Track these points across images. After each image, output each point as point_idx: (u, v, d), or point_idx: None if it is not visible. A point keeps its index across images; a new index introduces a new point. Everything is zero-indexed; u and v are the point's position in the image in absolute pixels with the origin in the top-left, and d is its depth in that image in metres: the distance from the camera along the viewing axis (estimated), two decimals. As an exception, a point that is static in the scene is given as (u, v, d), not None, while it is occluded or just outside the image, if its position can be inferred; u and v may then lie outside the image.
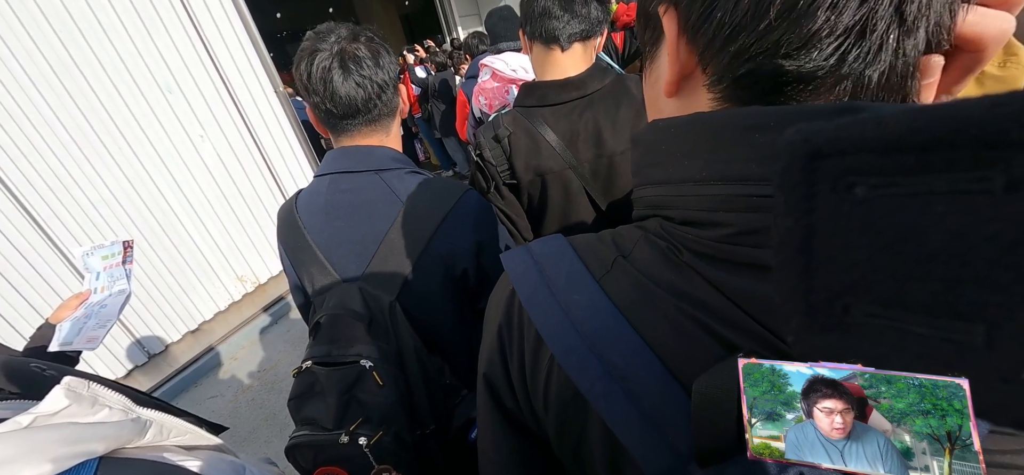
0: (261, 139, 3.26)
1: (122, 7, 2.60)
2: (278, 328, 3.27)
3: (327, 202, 0.77)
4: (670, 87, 0.31)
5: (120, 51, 2.63)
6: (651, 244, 0.32)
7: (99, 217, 2.71)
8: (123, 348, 2.87)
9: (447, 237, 0.74)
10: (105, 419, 0.49)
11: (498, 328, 0.38)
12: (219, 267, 3.27)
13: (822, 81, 0.25)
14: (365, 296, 0.73)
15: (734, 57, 0.26)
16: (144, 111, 2.76)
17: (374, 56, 0.73)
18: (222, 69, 2.99)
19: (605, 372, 0.30)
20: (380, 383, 0.70)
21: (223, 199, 3.20)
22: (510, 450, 0.40)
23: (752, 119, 0.26)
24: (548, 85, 0.87)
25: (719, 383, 0.25)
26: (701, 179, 0.28)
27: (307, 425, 0.74)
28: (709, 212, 0.28)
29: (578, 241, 0.36)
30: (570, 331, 0.31)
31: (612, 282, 0.32)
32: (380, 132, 0.79)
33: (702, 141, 0.28)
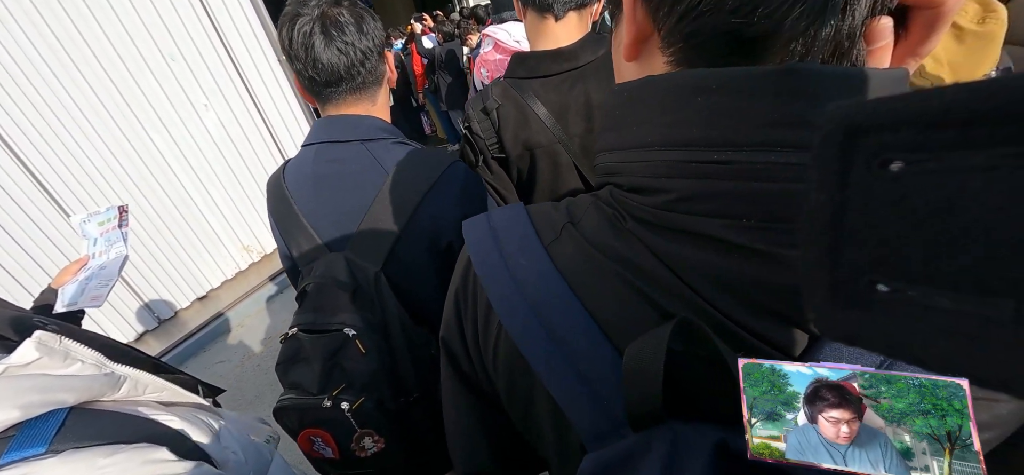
0: (264, 108, 3.25)
1: (123, -29, 2.57)
2: (284, 297, 3.34)
3: (314, 172, 0.77)
4: (628, 50, 0.30)
5: (122, 18, 2.61)
6: (599, 211, 0.32)
7: (106, 183, 2.75)
8: (133, 312, 2.95)
9: (432, 209, 0.74)
10: (77, 372, 0.51)
11: (455, 293, 0.39)
12: (225, 236, 3.32)
13: (769, 42, 0.24)
14: (351, 266, 0.74)
15: (682, 16, 0.25)
16: (147, 79, 2.76)
17: (357, 22, 0.72)
18: (225, 36, 2.96)
19: (547, 337, 0.30)
20: (363, 351, 0.71)
21: (228, 168, 3.22)
22: (470, 413, 0.41)
23: (695, 80, 0.25)
24: (539, 55, 0.85)
25: (648, 350, 0.26)
26: (648, 144, 0.28)
27: (293, 389, 0.76)
28: (653, 178, 0.27)
29: (534, 208, 0.36)
30: (516, 296, 0.32)
31: (559, 248, 0.32)
32: (366, 100, 0.78)
33: (651, 105, 0.28)
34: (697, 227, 0.26)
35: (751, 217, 0.25)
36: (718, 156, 0.25)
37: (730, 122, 0.24)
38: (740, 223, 0.25)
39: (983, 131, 0.16)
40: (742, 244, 0.25)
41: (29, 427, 0.47)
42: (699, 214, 0.26)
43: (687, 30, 0.26)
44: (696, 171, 0.25)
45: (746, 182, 0.24)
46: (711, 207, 0.26)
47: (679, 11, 0.25)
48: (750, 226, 0.25)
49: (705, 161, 0.25)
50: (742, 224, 0.25)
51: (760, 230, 0.25)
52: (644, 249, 0.29)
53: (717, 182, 0.25)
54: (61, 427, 0.50)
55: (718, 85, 0.25)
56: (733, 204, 0.25)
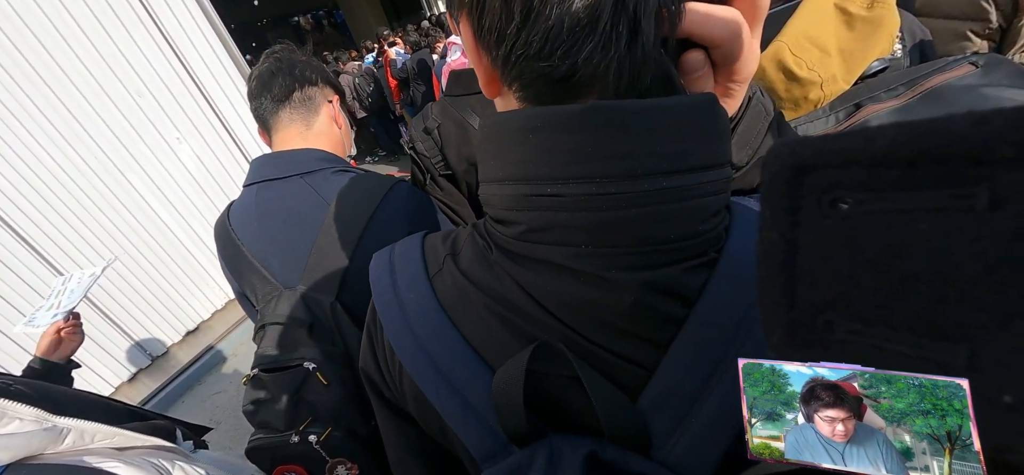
0: (237, 134, 3.24)
1: (79, 12, 2.55)
2: (275, 322, 3.33)
3: (257, 212, 0.78)
4: (486, 90, 0.32)
5: (83, 58, 2.59)
6: (473, 242, 0.34)
7: (85, 228, 2.73)
8: (124, 352, 2.95)
9: (378, 233, 0.75)
10: (15, 430, 0.53)
11: (367, 326, 0.40)
12: (211, 267, 3.31)
13: (580, 80, 0.26)
14: (306, 301, 0.75)
15: (504, 62, 0.27)
16: (115, 117, 2.74)
17: (289, 58, 0.83)
18: (190, 68, 2.94)
19: (434, 368, 0.32)
20: (325, 383, 0.73)
21: (207, 199, 3.21)
22: (399, 436, 0.43)
23: (527, 121, 0.27)
24: (473, 72, 0.86)
25: (510, 375, 0.27)
26: (502, 179, 0.30)
27: (262, 429, 0.77)
28: (508, 210, 0.29)
29: (429, 239, 0.38)
30: (405, 330, 0.34)
31: (440, 282, 0.34)
32: (299, 124, 0.83)
33: (500, 143, 0.30)
34: (546, 255, 0.28)
35: (585, 244, 0.27)
36: (551, 189, 0.26)
37: (554, 158, 0.26)
38: (579, 249, 0.27)
39: (926, 171, 0.16)
40: (584, 270, 0.27)
41: None
42: (546, 243, 0.28)
43: (513, 74, 0.28)
44: (537, 204, 0.27)
45: (574, 213, 0.26)
46: (553, 237, 0.27)
47: (502, 57, 0.27)
48: (586, 252, 0.27)
49: (542, 195, 0.27)
50: (581, 250, 0.27)
51: (594, 256, 0.26)
52: (508, 278, 0.30)
53: (554, 214, 0.27)
54: None
55: (542, 123, 0.26)
56: (569, 234, 0.27)
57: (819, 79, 0.57)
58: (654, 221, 0.26)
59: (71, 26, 2.53)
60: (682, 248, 0.27)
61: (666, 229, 0.26)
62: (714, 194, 0.27)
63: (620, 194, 0.25)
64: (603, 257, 0.26)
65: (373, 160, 6.66)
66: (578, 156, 0.25)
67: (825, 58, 0.57)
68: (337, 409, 0.75)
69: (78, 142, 2.64)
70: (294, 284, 0.77)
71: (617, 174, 0.25)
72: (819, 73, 0.57)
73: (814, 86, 0.58)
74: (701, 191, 0.26)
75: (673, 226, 0.26)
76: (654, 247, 0.26)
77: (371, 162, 6.57)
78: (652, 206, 0.25)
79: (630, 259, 0.26)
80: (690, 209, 0.26)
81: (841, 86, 0.59)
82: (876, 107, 0.59)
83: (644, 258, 0.26)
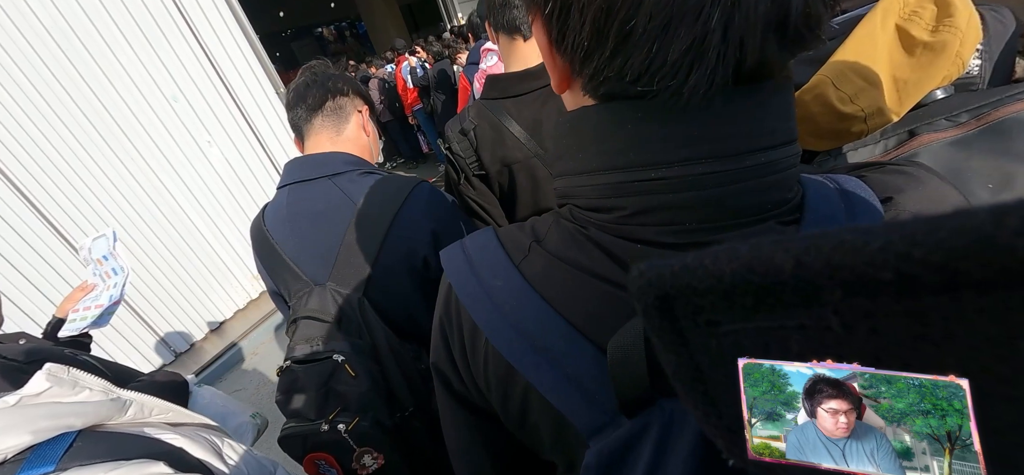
0: (266, 140, 3.34)
1: (123, 21, 2.68)
2: (294, 323, 3.39)
3: (289, 212, 0.82)
4: (557, 87, 0.33)
5: (124, 64, 2.72)
6: (561, 228, 0.35)
7: (119, 225, 2.84)
8: (150, 347, 3.03)
9: (402, 231, 0.78)
10: (86, 399, 0.56)
11: (440, 320, 0.41)
12: (235, 267, 3.40)
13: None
14: (335, 297, 0.79)
15: (592, 77, 0.28)
16: (152, 121, 2.86)
17: (323, 71, 0.88)
18: (224, 75, 3.06)
19: (531, 348, 0.33)
20: (353, 374, 0.75)
21: (234, 201, 3.30)
22: (468, 430, 0.43)
23: (620, 113, 0.28)
24: (509, 77, 0.88)
25: (629, 339, 0.28)
26: (592, 169, 0.31)
27: (294, 418, 0.80)
28: (603, 198, 0.30)
29: (503, 231, 0.39)
30: (497, 315, 0.34)
31: (528, 266, 0.35)
32: (330, 131, 0.87)
33: (588, 135, 0.31)
34: (650, 236, 0.29)
35: (690, 221, 0.28)
36: (656, 174, 0.28)
37: (657, 144, 0.28)
38: (683, 227, 0.29)
39: (774, 300, 0.17)
40: (690, 243, 0.29)
41: (40, 449, 0.54)
42: (651, 224, 0.29)
43: (600, 89, 0.29)
44: (640, 188, 0.29)
45: (680, 193, 0.28)
46: (658, 218, 0.29)
47: (587, 73, 0.28)
48: (691, 228, 0.28)
49: (646, 179, 0.28)
50: (685, 228, 0.29)
51: (697, 232, 0.28)
52: (606, 258, 0.31)
53: (660, 196, 0.28)
54: (69, 448, 0.56)
55: (641, 115, 0.28)
56: (674, 214, 0.28)
57: (862, 113, 0.53)
58: (754, 193, 0.28)
59: (112, 29, 2.66)
60: (776, 215, 0.29)
61: (764, 198, 0.28)
62: (794, 166, 0.29)
63: (725, 172, 0.27)
64: (705, 232, 0.28)
65: (392, 166, 6.77)
66: (682, 140, 0.27)
67: (870, 90, 0.52)
68: (364, 400, 0.77)
69: (115, 142, 2.76)
70: (323, 281, 0.80)
71: (721, 154, 0.27)
72: (862, 107, 0.53)
73: (857, 120, 0.54)
74: (788, 164, 0.29)
75: (769, 195, 0.28)
76: (753, 217, 0.28)
77: (390, 168, 6.68)
78: (754, 180, 0.27)
79: (734, 227, 0.29)
80: (781, 180, 0.28)
81: (889, 118, 0.53)
82: (932, 136, 0.53)
83: (745, 224, 0.29)
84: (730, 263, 0.17)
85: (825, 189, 0.31)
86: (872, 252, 0.15)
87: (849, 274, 0.15)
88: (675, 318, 0.20)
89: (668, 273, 0.19)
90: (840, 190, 0.32)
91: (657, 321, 0.20)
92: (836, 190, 0.31)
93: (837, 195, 0.31)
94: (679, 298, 0.19)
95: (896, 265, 0.14)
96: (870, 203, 0.31)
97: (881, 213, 0.31)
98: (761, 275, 0.16)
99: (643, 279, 0.20)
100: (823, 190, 0.31)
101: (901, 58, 0.53)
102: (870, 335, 0.16)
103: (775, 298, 0.17)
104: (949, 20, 0.50)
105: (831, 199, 0.31)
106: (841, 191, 0.31)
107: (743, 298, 0.17)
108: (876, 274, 0.15)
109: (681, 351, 0.20)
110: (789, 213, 0.30)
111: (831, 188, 0.32)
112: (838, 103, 0.53)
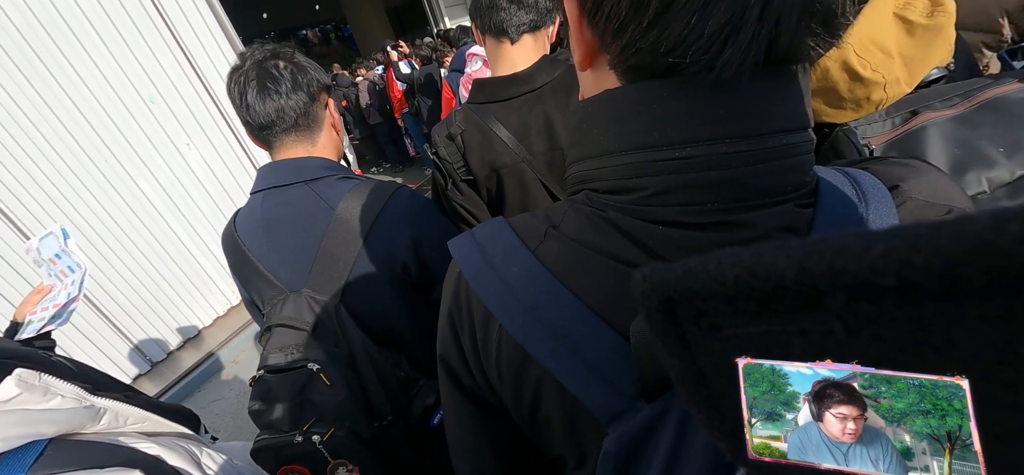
0: (247, 144, 3.27)
1: (99, 22, 2.60)
2: (276, 330, 3.31)
3: (263, 218, 0.79)
4: (581, 63, 0.33)
5: (99, 64, 2.63)
6: (578, 212, 0.35)
7: (93, 232, 2.74)
8: (124, 356, 2.93)
9: (381, 237, 0.76)
10: (57, 406, 0.54)
11: (448, 310, 0.39)
12: (215, 273, 3.31)
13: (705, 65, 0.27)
14: (310, 303, 0.76)
15: (623, 49, 0.28)
16: (128, 122, 2.77)
17: (292, 75, 0.77)
18: (204, 77, 2.99)
19: (548, 333, 0.32)
20: (328, 383, 0.73)
21: (214, 205, 3.22)
22: (474, 425, 0.42)
23: (646, 92, 0.28)
24: (497, 81, 0.87)
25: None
26: (614, 151, 0.30)
27: (267, 429, 0.77)
28: (625, 179, 0.30)
29: (515, 219, 0.39)
30: (512, 300, 0.33)
31: (545, 251, 0.34)
32: (305, 143, 0.81)
33: (610, 117, 0.30)
34: (671, 216, 0.29)
35: (711, 201, 0.28)
36: (679, 153, 0.28)
37: (680, 123, 0.27)
38: (704, 207, 0.29)
39: (776, 305, 0.17)
40: (711, 223, 0.29)
41: (9, 457, 0.51)
42: (671, 205, 0.29)
43: (630, 62, 0.28)
44: (662, 168, 0.28)
45: (702, 172, 0.28)
46: (679, 198, 0.29)
47: (620, 45, 0.28)
48: (712, 209, 0.28)
49: (669, 158, 0.28)
50: (705, 208, 0.29)
51: (718, 212, 0.28)
52: (626, 241, 0.31)
53: (681, 175, 0.28)
54: (40, 456, 0.54)
55: (669, 93, 0.27)
56: (695, 193, 0.28)
57: (883, 80, 0.57)
58: (776, 174, 0.28)
59: (88, 30, 2.58)
60: (795, 198, 0.30)
61: (784, 180, 0.29)
62: (810, 151, 0.30)
63: (750, 151, 0.27)
64: (728, 212, 0.28)
65: (379, 170, 6.71)
66: (710, 117, 0.27)
67: (888, 60, 0.57)
68: (340, 410, 0.75)
69: (89, 144, 2.66)
70: (299, 287, 0.78)
71: (747, 133, 0.27)
72: (883, 74, 0.57)
73: (878, 87, 0.58)
74: (806, 148, 0.29)
75: (789, 178, 0.29)
76: (773, 199, 0.29)
77: (376, 172, 6.61)
78: (776, 161, 0.28)
79: (756, 208, 0.29)
80: (800, 164, 0.29)
81: (903, 89, 0.59)
82: (932, 114, 0.60)
83: (766, 205, 0.29)
84: (733, 267, 0.17)
85: (837, 177, 0.32)
86: (874, 257, 0.15)
87: (851, 279, 0.15)
88: (678, 322, 0.20)
89: (671, 277, 0.19)
90: (850, 178, 0.32)
91: (660, 325, 0.20)
92: (847, 178, 0.32)
93: (848, 182, 0.32)
94: (682, 302, 0.19)
95: (898, 271, 0.14)
96: (880, 187, 0.32)
97: (890, 197, 0.32)
98: (764, 280, 0.17)
99: (647, 283, 0.20)
100: (835, 177, 0.32)
101: (905, 38, 0.58)
102: (873, 340, 0.16)
103: (778, 302, 0.17)
104: (941, 8, 0.58)
105: (843, 185, 0.31)
106: (851, 179, 0.32)
107: (746, 302, 0.17)
108: (878, 279, 0.15)
109: (684, 355, 0.20)
110: (807, 196, 0.30)
111: (842, 176, 0.32)
112: (860, 68, 0.57)
